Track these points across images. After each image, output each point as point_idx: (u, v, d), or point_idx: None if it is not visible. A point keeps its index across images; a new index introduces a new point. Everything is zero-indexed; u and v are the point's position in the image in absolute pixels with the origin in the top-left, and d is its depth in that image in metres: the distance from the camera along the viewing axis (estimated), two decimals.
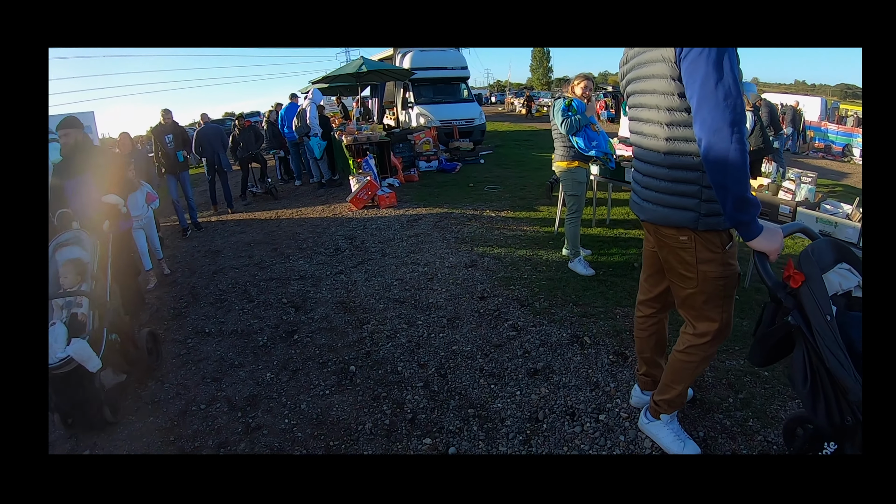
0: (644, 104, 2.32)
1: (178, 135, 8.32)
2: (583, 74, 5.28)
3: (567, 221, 5.36)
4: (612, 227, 6.95)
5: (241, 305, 5.25)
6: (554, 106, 5.19)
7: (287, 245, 7.05)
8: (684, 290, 2.42)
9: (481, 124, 15.16)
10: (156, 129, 8.50)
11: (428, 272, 5.55)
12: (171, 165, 8.23)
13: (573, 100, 5.09)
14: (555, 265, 5.58)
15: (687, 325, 2.55)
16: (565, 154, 5.24)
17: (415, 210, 8.19)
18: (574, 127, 5.00)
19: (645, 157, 2.39)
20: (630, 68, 2.46)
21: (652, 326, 2.96)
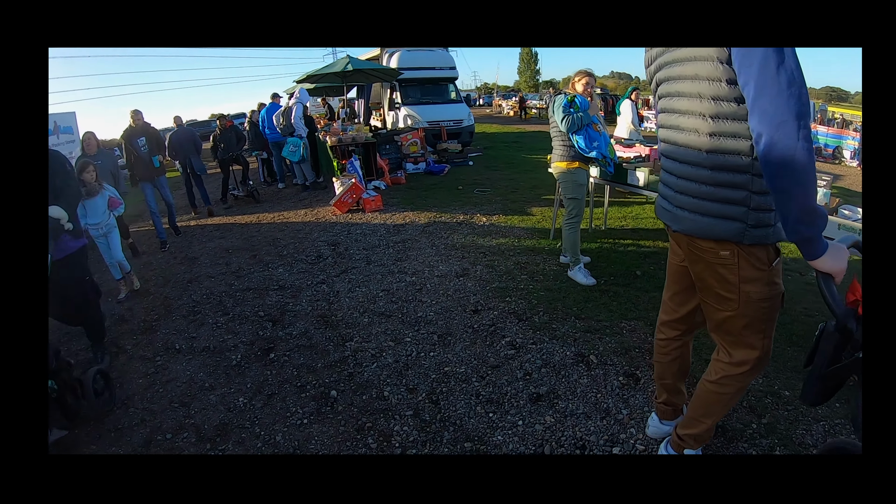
0: (682, 92, 1.97)
1: (151, 137, 7.69)
2: (584, 71, 4.94)
3: (566, 227, 5.02)
4: (610, 232, 6.63)
5: (214, 319, 4.85)
6: (554, 102, 4.85)
7: (267, 252, 6.64)
8: (721, 312, 2.10)
9: (470, 126, 14.84)
10: (126, 133, 7.68)
11: (416, 282, 5.17)
12: (146, 171, 7.52)
13: (576, 96, 4.75)
14: (552, 274, 5.23)
15: (720, 351, 2.23)
16: (564, 154, 4.90)
17: (402, 214, 7.80)
18: (576, 125, 4.67)
19: (681, 155, 2.05)
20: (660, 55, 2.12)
21: (675, 350, 2.65)
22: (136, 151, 7.42)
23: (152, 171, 7.54)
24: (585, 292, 4.77)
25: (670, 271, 2.53)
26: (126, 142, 7.54)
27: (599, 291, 4.77)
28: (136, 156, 7.43)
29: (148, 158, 7.46)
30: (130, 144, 7.45)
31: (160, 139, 7.98)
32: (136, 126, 7.64)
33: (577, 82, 4.92)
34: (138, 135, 7.52)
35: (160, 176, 7.71)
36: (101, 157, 6.24)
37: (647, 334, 3.95)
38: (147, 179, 7.55)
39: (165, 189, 7.84)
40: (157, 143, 7.76)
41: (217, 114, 11.55)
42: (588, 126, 4.79)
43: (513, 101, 38.17)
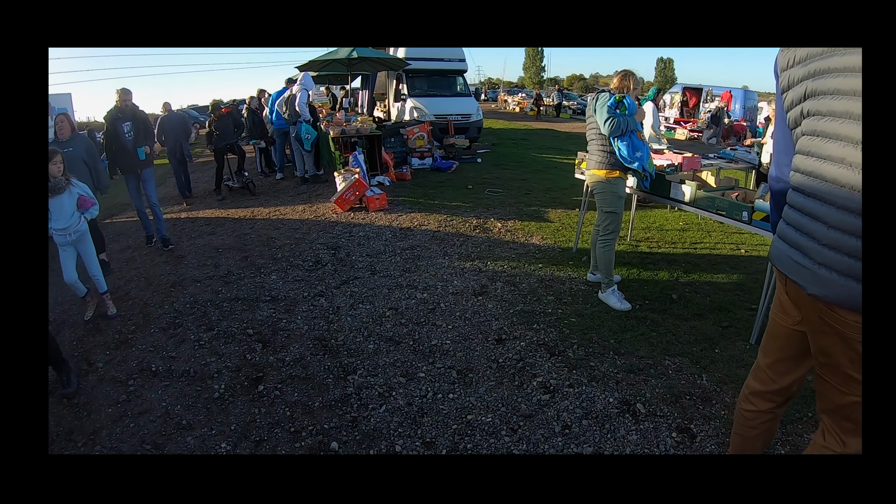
0: (835, 112, 1.50)
1: (139, 123, 6.34)
2: (628, 71, 4.32)
3: (600, 244, 4.41)
4: (635, 244, 6.03)
5: (197, 334, 4.24)
6: (596, 100, 4.23)
7: (259, 253, 6.01)
8: (847, 396, 1.64)
9: (478, 121, 14.18)
10: (110, 115, 6.28)
11: (428, 300, 4.55)
12: (129, 162, 6.29)
13: (625, 96, 4.14)
14: (581, 295, 4.64)
15: (829, 436, 1.77)
16: (603, 161, 4.28)
17: (408, 216, 7.16)
18: (620, 128, 4.06)
19: (832, 196, 1.52)
20: (813, 59, 1.56)
21: (764, 424, 2.16)
22: (118, 139, 6.23)
23: (136, 163, 6.33)
24: (621, 320, 4.19)
25: (775, 333, 1.97)
26: (108, 125, 6.32)
27: (635, 319, 4.20)
28: (119, 144, 6.23)
29: (132, 148, 6.23)
30: (114, 129, 6.24)
31: (149, 126, 6.65)
32: (122, 107, 6.30)
33: (628, 83, 4.33)
34: (125, 118, 6.25)
35: (145, 169, 6.48)
36: (73, 144, 5.28)
37: (694, 375, 3.45)
38: (130, 172, 6.41)
39: (150, 185, 6.58)
40: (144, 130, 6.45)
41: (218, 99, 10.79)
42: (632, 133, 4.18)
43: (520, 98, 37.50)
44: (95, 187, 5.30)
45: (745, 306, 4.46)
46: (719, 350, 3.77)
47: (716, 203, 4.21)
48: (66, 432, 3.18)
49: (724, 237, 6.51)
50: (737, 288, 4.87)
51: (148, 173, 6.53)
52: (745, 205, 3.97)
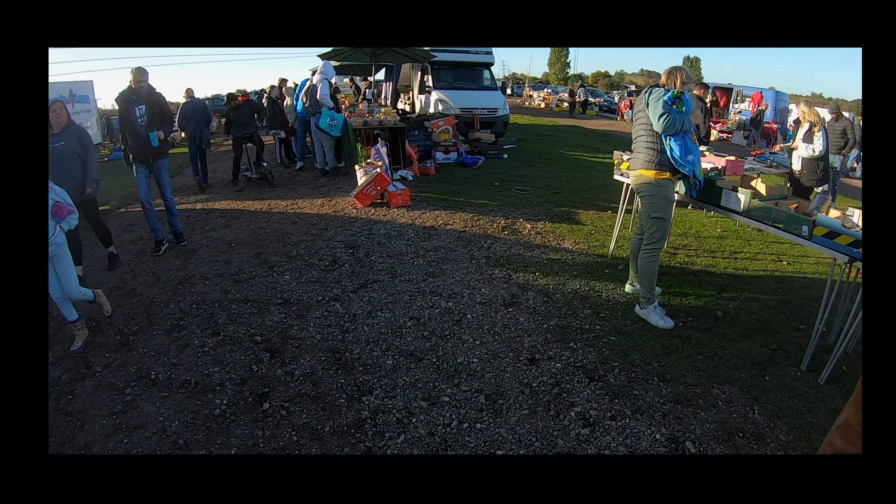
0: None
1: (153, 107, 5.58)
2: (677, 67, 3.88)
3: (644, 254, 3.98)
4: (672, 252, 5.58)
5: (201, 339, 3.90)
6: (649, 94, 3.80)
7: (273, 249, 5.65)
8: None
9: (504, 115, 13.71)
10: (122, 97, 5.55)
11: (454, 310, 4.16)
12: (140, 149, 5.57)
13: (683, 93, 3.70)
14: (620, 308, 4.22)
15: None
16: (651, 160, 3.85)
17: (432, 213, 6.76)
18: (675, 126, 3.63)
19: None
20: None
21: None
22: (131, 124, 5.51)
23: (148, 151, 5.60)
24: (664, 339, 3.79)
25: None
26: (121, 108, 5.59)
27: (679, 338, 3.80)
28: (132, 129, 5.53)
29: (145, 134, 5.50)
30: (126, 112, 5.53)
31: (165, 111, 5.83)
32: (136, 89, 5.55)
33: (677, 79, 3.88)
34: (139, 101, 5.52)
35: (159, 159, 5.79)
36: (65, 137, 4.74)
37: (746, 408, 3.10)
38: (141, 160, 5.69)
39: (164, 177, 5.92)
40: (160, 114, 5.69)
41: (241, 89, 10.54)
42: (686, 134, 3.75)
43: (545, 93, 36.85)
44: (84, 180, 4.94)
45: (793, 326, 4.10)
46: (769, 377, 3.40)
47: (772, 215, 3.74)
48: (58, 443, 2.95)
49: (764, 246, 6.04)
50: (782, 305, 4.47)
51: (162, 164, 5.82)
52: (805, 218, 3.49)
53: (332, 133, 8.97)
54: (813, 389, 3.26)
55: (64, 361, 3.80)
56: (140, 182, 5.77)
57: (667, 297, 4.43)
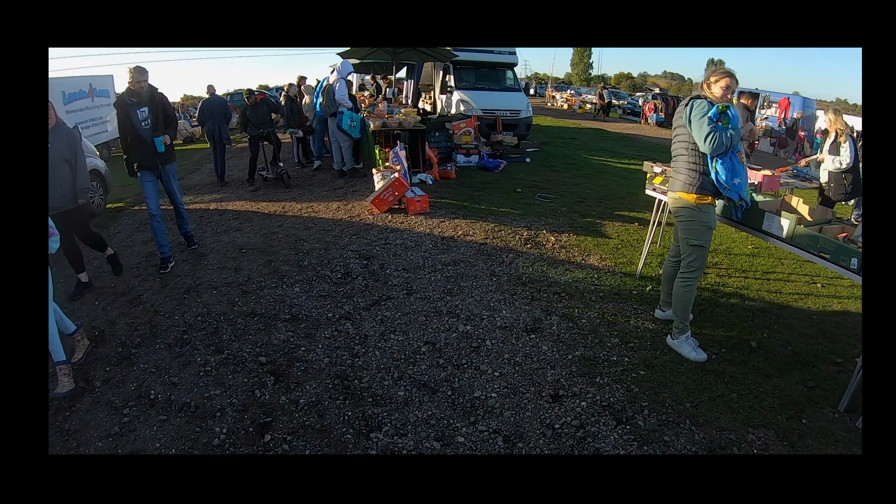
0: None
1: (157, 108, 5.09)
2: (725, 71, 3.51)
3: (681, 282, 3.68)
4: (705, 272, 5.25)
5: (204, 356, 3.69)
6: (691, 107, 3.46)
7: (285, 258, 5.43)
8: None
9: (527, 118, 13.38)
10: (121, 101, 5.09)
11: (472, 335, 3.89)
12: (147, 156, 5.14)
13: (729, 106, 3.38)
14: (650, 336, 3.93)
15: None
16: (692, 182, 3.53)
17: (452, 222, 6.49)
18: (723, 146, 3.30)
19: None
20: None
21: None
22: (134, 128, 5.04)
23: (154, 157, 5.17)
24: (696, 374, 3.49)
25: None
26: (120, 112, 5.09)
27: (713, 374, 3.51)
28: (134, 134, 5.06)
29: (149, 139, 5.06)
30: (126, 117, 5.04)
31: (169, 112, 5.38)
32: (135, 90, 5.03)
33: (714, 84, 3.51)
34: (139, 103, 5.04)
35: (167, 164, 5.36)
36: (52, 139, 4.20)
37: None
38: (148, 168, 5.25)
39: (173, 182, 5.50)
40: (164, 116, 5.22)
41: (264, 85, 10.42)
42: (734, 153, 3.43)
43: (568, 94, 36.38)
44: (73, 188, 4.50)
45: (829, 359, 3.78)
46: (807, 420, 3.10)
47: (819, 244, 3.40)
48: None
49: (797, 266, 5.69)
50: (819, 335, 4.15)
51: (170, 169, 5.42)
52: (854, 250, 3.15)
53: (353, 134, 8.75)
54: (850, 434, 2.95)
55: None
56: (148, 192, 5.30)
57: (698, 322, 4.13)
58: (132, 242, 6.38)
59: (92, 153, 8.21)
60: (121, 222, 7.48)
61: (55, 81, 13.11)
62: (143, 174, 5.27)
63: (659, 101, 27.32)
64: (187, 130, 20.25)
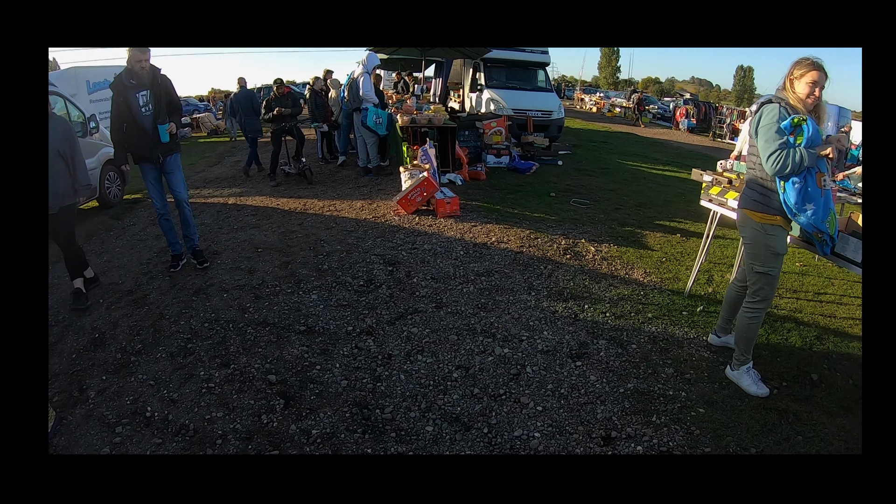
0: None
1: (160, 93, 4.43)
2: (810, 61, 2.94)
3: (746, 313, 3.18)
4: None
5: (208, 371, 3.29)
6: (761, 114, 2.92)
7: (303, 259, 5.03)
8: None
9: (559, 119, 12.90)
10: (118, 82, 4.37)
11: (510, 359, 3.43)
12: (146, 146, 4.49)
13: (806, 119, 2.80)
14: (706, 366, 3.46)
15: None
16: (760, 199, 3.00)
17: (484, 227, 6.02)
18: (792, 168, 2.76)
19: None
20: None
21: None
22: (132, 115, 4.38)
23: (156, 147, 4.51)
24: (759, 412, 3.04)
25: None
26: (116, 96, 4.38)
27: (776, 412, 3.04)
28: (132, 121, 4.40)
29: (151, 126, 4.41)
30: (124, 101, 4.36)
31: (173, 97, 4.66)
32: (135, 72, 4.33)
33: (798, 79, 2.94)
34: (138, 86, 4.36)
35: (170, 155, 4.67)
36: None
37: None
38: (148, 160, 4.60)
39: (176, 176, 4.78)
40: (168, 102, 4.54)
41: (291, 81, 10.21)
42: (810, 174, 2.87)
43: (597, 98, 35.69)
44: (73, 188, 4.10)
45: None
46: None
47: None
48: None
49: (848, 287, 5.12)
50: None
51: (173, 161, 4.73)
52: None
53: (378, 131, 8.34)
54: None
55: (59, 379, 3.27)
56: (152, 188, 4.73)
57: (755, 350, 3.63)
58: (146, 236, 6.05)
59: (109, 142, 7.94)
60: (136, 214, 7.17)
61: (80, 71, 13.02)
62: (143, 168, 4.67)
63: (691, 106, 26.58)
64: (212, 123, 20.12)
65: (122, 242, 5.90)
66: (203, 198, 7.93)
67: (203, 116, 21.08)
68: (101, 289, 4.56)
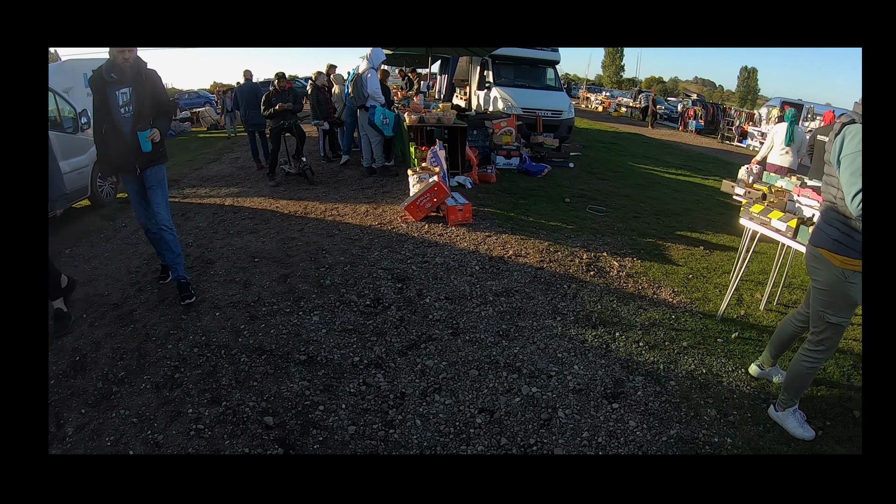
0: None
1: (144, 91, 3.74)
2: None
3: (804, 358, 2.79)
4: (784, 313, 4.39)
5: (196, 408, 2.91)
6: (843, 137, 2.47)
7: (304, 272, 4.63)
8: None
9: (569, 119, 12.52)
10: (96, 77, 3.72)
11: (539, 399, 3.02)
12: (123, 154, 3.81)
13: None
14: (748, 404, 3.12)
15: None
16: (843, 241, 2.54)
17: (499, 237, 5.62)
18: None
19: None
20: None
21: None
22: (111, 116, 3.73)
23: (135, 157, 3.81)
24: None
25: None
26: (95, 94, 3.74)
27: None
28: (110, 123, 3.74)
29: (130, 133, 3.72)
30: (103, 99, 3.71)
31: (162, 96, 3.98)
32: (117, 64, 3.65)
33: None
34: (120, 82, 3.68)
35: (152, 166, 3.93)
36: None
37: None
38: (125, 170, 3.92)
39: (158, 194, 3.99)
40: (153, 101, 3.83)
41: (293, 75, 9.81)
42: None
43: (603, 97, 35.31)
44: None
45: None
46: None
47: None
48: None
49: None
50: None
51: (155, 174, 3.97)
52: None
53: (385, 132, 7.93)
54: None
55: None
56: (133, 201, 4.09)
57: None
58: (137, 240, 5.65)
59: None
60: (129, 214, 6.74)
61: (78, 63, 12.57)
62: (124, 179, 4.03)
63: (699, 107, 26.21)
64: (212, 117, 19.73)
65: (113, 246, 5.51)
66: (199, 198, 7.53)
67: (203, 110, 20.69)
68: (86, 301, 4.17)
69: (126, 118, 3.73)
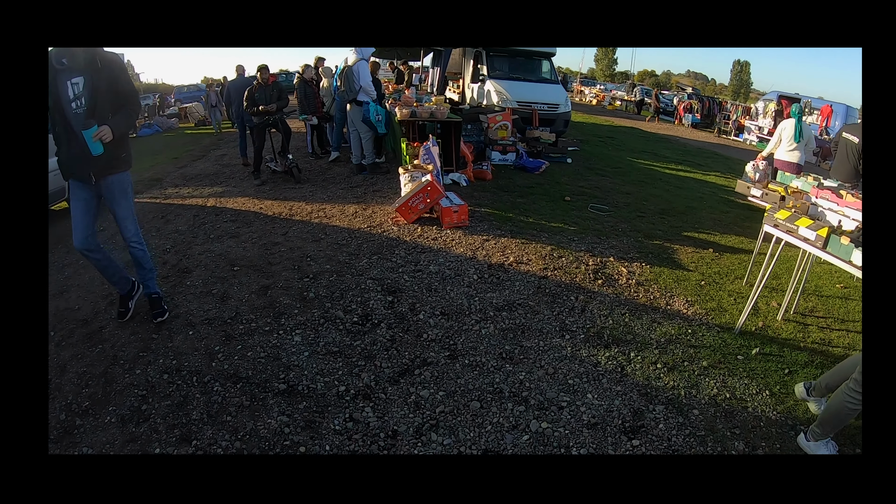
0: None
1: (99, 82, 3.08)
2: None
3: (847, 400, 2.52)
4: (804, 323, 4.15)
5: (164, 447, 2.60)
6: None
7: (286, 282, 4.25)
8: None
9: (566, 112, 12.17)
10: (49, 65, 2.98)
11: (550, 437, 2.67)
12: (73, 156, 3.17)
13: None
14: (776, 434, 2.86)
15: None
16: None
17: (497, 241, 5.25)
18: None
19: None
20: None
21: None
22: (63, 113, 3.08)
23: (86, 162, 3.15)
24: None
25: None
26: (50, 84, 2.99)
27: None
28: (62, 118, 3.09)
29: (79, 128, 3.02)
30: (54, 91, 3.03)
31: (123, 87, 3.26)
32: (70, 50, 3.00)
33: None
34: (72, 70, 3.04)
35: (109, 175, 3.31)
36: None
37: None
38: (78, 174, 3.26)
39: (121, 204, 3.42)
40: (112, 95, 3.16)
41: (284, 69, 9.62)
42: None
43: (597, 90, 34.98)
44: None
45: None
46: None
47: None
48: None
49: None
50: None
51: (115, 184, 3.35)
52: None
53: (379, 129, 7.54)
54: None
55: None
56: (75, 216, 3.32)
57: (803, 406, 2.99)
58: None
59: None
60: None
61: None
62: (73, 185, 3.32)
63: (695, 100, 25.91)
64: (199, 113, 19.28)
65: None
66: (181, 198, 7.13)
67: (191, 106, 20.22)
68: (55, 316, 3.81)
69: (78, 114, 3.06)
